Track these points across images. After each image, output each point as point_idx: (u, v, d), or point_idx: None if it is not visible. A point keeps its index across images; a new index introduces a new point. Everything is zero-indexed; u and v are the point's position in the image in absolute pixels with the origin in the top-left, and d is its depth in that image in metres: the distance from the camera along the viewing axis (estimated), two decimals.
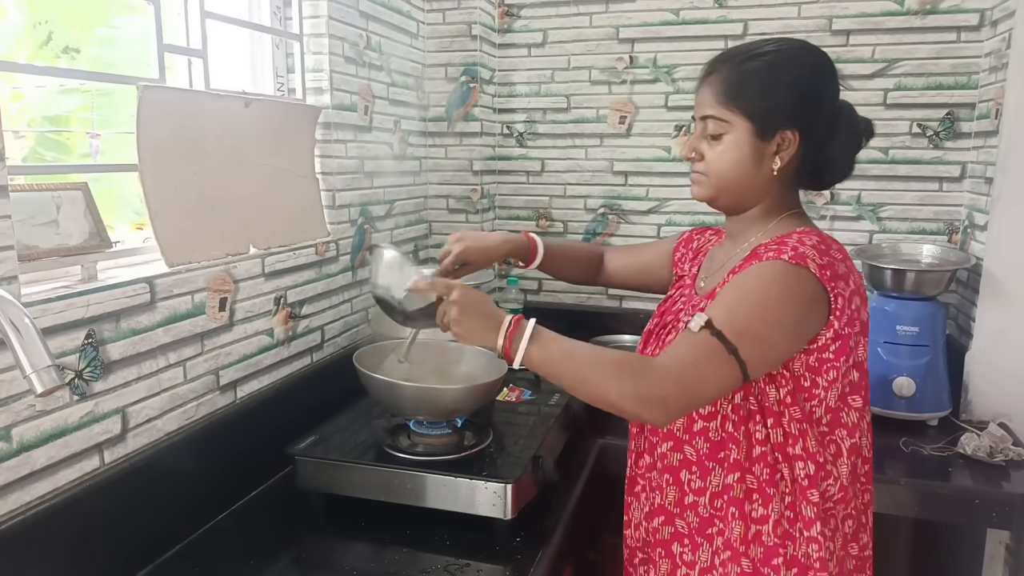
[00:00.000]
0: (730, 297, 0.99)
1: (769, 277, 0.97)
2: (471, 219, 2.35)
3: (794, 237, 1.02)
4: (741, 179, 1.07)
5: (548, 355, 1.02)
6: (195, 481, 1.30)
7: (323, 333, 1.76)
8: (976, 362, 1.84)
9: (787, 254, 0.98)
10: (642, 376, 0.96)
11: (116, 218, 1.45)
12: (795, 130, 1.04)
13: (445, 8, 2.25)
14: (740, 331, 0.95)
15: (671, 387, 0.95)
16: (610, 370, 0.97)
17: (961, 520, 1.58)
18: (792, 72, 1.04)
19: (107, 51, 1.53)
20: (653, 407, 0.96)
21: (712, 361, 0.95)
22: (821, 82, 1.06)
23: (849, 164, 1.08)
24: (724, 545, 1.06)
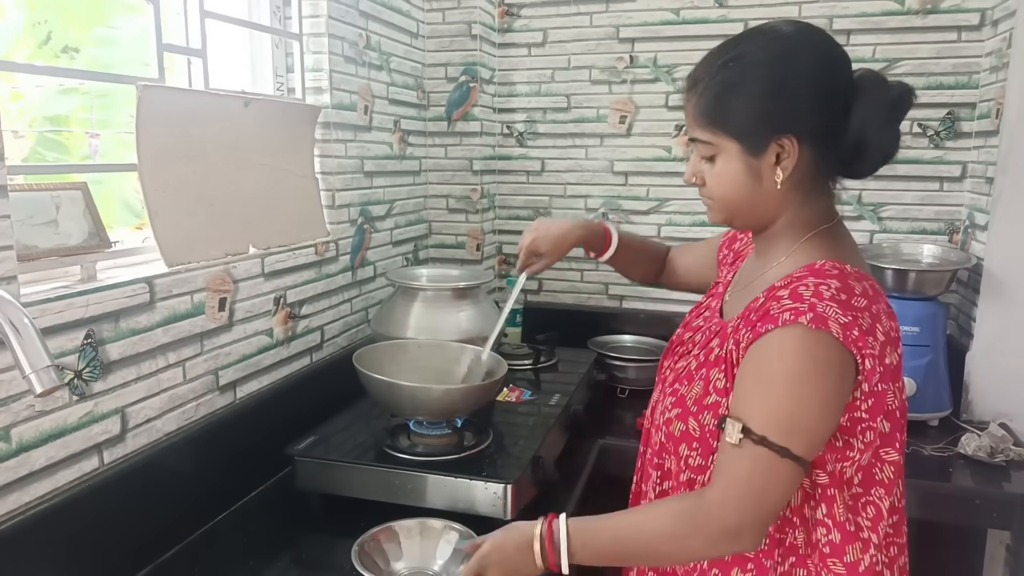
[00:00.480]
0: (757, 389, 0.88)
1: (794, 351, 0.85)
2: (471, 219, 2.35)
3: (810, 285, 0.88)
4: (744, 200, 0.97)
5: (598, 551, 0.95)
6: (195, 481, 1.30)
7: (323, 333, 1.76)
8: (977, 362, 1.84)
9: (805, 316, 0.84)
10: (702, 525, 0.88)
11: (116, 219, 1.45)
12: (791, 136, 0.91)
13: (445, 8, 2.25)
14: (784, 428, 0.85)
15: (734, 517, 0.86)
16: (669, 538, 0.90)
17: (961, 520, 1.58)
18: (772, 73, 0.92)
19: (106, 51, 1.53)
20: (731, 543, 0.88)
21: (768, 473, 0.85)
22: (813, 71, 0.92)
23: (890, 141, 0.93)
24: None
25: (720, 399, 0.95)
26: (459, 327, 1.73)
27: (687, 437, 0.98)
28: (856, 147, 0.92)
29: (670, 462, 1.02)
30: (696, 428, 0.97)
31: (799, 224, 0.98)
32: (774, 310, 0.88)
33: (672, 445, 1.01)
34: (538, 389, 1.78)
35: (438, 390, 1.40)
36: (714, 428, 0.94)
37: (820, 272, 0.90)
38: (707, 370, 0.98)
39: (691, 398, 0.98)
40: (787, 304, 0.87)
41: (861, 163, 0.94)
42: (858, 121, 0.91)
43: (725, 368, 0.95)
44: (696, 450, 0.97)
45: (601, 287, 2.43)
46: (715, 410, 0.95)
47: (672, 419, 1.00)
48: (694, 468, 0.98)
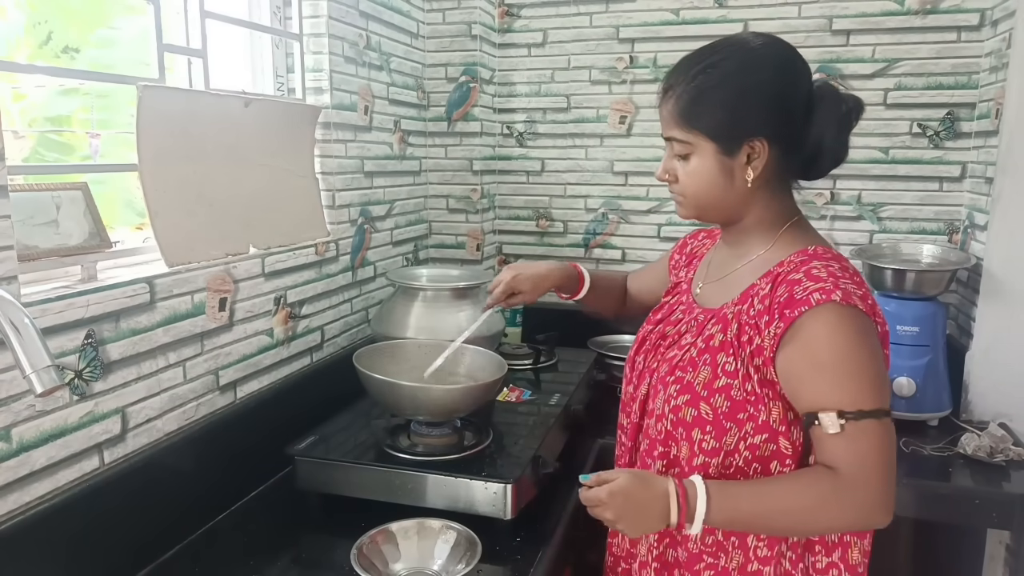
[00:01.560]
0: (824, 374, 0.93)
1: (839, 328, 0.93)
2: (471, 219, 2.35)
3: (820, 267, 0.97)
4: (716, 197, 1.04)
5: (733, 516, 0.97)
6: (195, 481, 1.30)
7: (323, 333, 1.76)
8: (976, 362, 1.84)
9: (835, 294, 0.93)
10: (844, 498, 0.93)
11: (116, 219, 1.45)
12: (761, 139, 0.99)
13: (445, 8, 2.25)
14: (868, 395, 0.92)
15: (881, 492, 0.93)
16: (813, 510, 0.94)
17: (961, 520, 1.58)
18: (746, 80, 0.99)
19: (107, 51, 1.53)
20: (878, 515, 0.94)
21: (882, 439, 0.93)
22: (781, 80, 1.00)
23: (841, 148, 1.03)
24: None
25: (731, 381, 0.99)
26: (459, 327, 1.73)
27: (700, 422, 1.01)
28: (814, 152, 1.01)
29: (679, 449, 1.04)
30: (709, 412, 1.01)
31: (769, 219, 1.06)
32: (799, 293, 0.94)
33: (683, 431, 1.03)
34: (538, 389, 1.78)
35: (438, 390, 1.40)
36: (726, 410, 0.99)
37: (820, 256, 1.00)
38: (711, 355, 1.02)
39: (699, 383, 1.02)
40: (811, 286, 0.94)
41: (817, 167, 1.04)
42: (817, 128, 1.00)
43: (734, 352, 1.00)
44: (710, 433, 1.01)
45: None
46: (727, 392, 1.00)
47: (681, 406, 1.03)
48: (708, 451, 1.01)
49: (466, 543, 1.19)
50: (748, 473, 1.00)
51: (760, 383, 0.98)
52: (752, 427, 0.99)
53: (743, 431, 0.99)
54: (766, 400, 0.98)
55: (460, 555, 1.17)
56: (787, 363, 0.96)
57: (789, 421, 0.99)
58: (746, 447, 1.00)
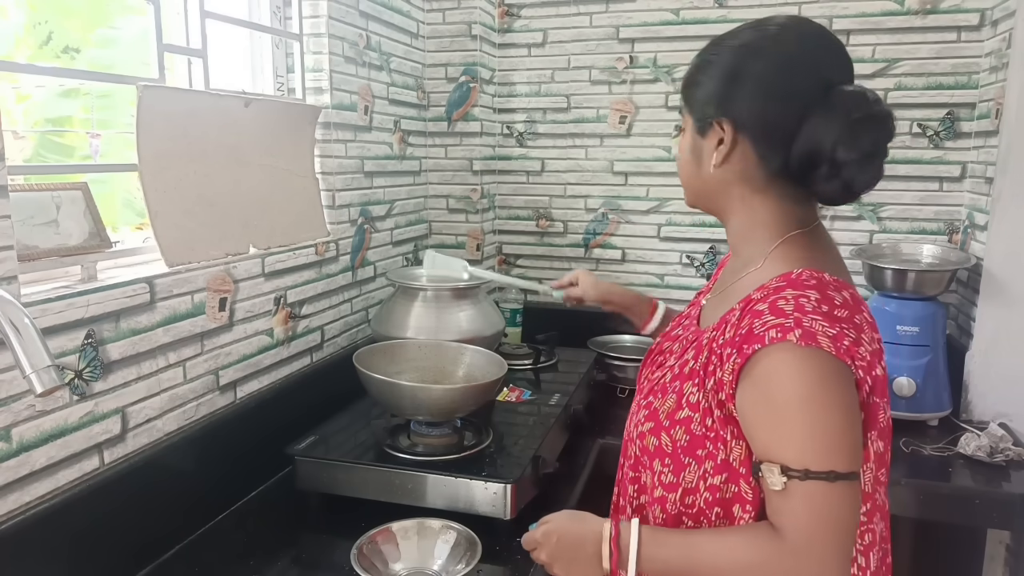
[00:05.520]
0: (774, 425, 0.82)
1: (793, 374, 0.80)
2: (471, 219, 2.35)
3: (790, 298, 0.83)
4: (687, 178, 0.98)
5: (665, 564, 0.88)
6: (195, 481, 1.30)
7: (323, 333, 1.76)
8: (976, 362, 1.84)
9: (793, 333, 0.79)
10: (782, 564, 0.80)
11: (117, 219, 1.45)
12: (730, 121, 0.88)
13: (445, 8, 2.25)
14: (820, 453, 0.79)
15: (816, 561, 0.79)
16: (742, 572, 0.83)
17: (961, 520, 1.58)
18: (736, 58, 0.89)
19: (107, 52, 1.53)
20: None
21: (829, 504, 0.79)
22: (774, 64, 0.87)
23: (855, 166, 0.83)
24: None
25: (692, 414, 0.91)
26: (459, 327, 1.74)
27: (660, 452, 0.94)
28: (806, 161, 0.85)
29: (646, 476, 0.99)
30: (668, 444, 0.93)
31: (760, 226, 0.92)
32: (757, 328, 0.82)
33: (647, 459, 0.97)
34: (538, 389, 1.78)
35: (438, 390, 1.40)
36: (684, 444, 0.91)
37: (798, 283, 0.85)
38: (680, 383, 0.94)
39: (663, 412, 0.94)
40: (771, 321, 0.82)
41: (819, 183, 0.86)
42: (810, 130, 0.84)
43: (699, 382, 0.91)
44: (668, 466, 0.94)
45: None
46: (687, 425, 0.91)
47: (645, 433, 0.97)
48: (666, 485, 0.94)
49: (466, 543, 1.19)
50: (710, 516, 0.91)
51: (722, 420, 0.88)
52: (711, 466, 0.89)
53: (702, 469, 0.90)
54: (726, 439, 0.88)
55: (460, 555, 1.17)
56: (743, 403, 0.85)
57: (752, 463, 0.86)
58: (706, 487, 0.90)
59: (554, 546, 0.95)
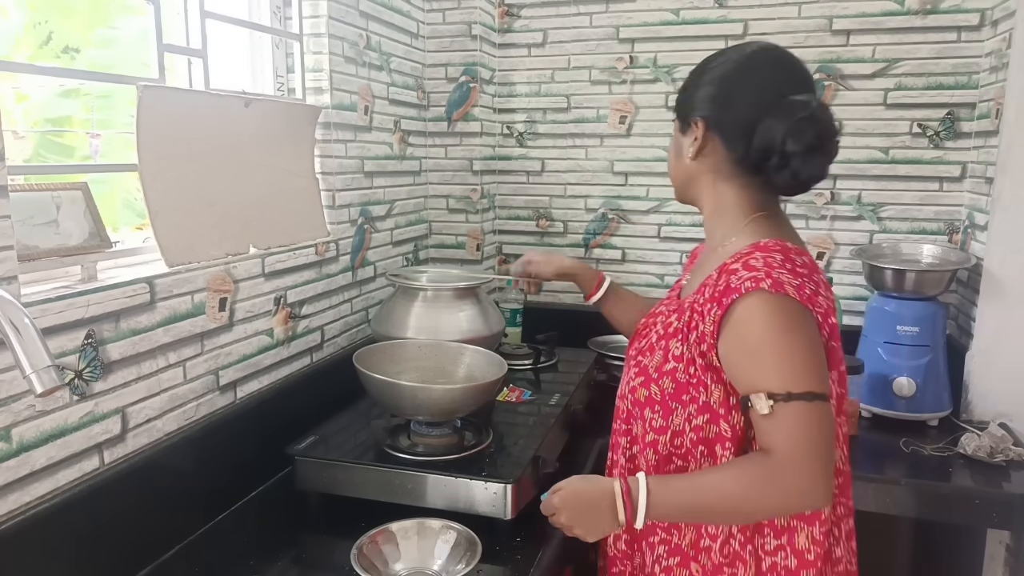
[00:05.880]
0: (754, 359, 0.97)
1: (766, 314, 0.96)
2: (471, 219, 2.35)
3: (759, 258, 1.01)
4: (672, 170, 1.19)
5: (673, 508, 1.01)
6: (195, 481, 1.30)
7: (323, 333, 1.76)
8: (976, 362, 1.84)
9: (764, 282, 0.97)
10: (778, 485, 0.94)
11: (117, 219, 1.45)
12: (702, 119, 1.08)
13: (445, 8, 2.25)
14: (798, 377, 0.95)
15: (806, 474, 0.94)
16: (744, 499, 0.96)
17: (961, 520, 1.59)
18: (713, 69, 1.09)
19: (107, 52, 1.53)
20: (804, 499, 0.96)
21: (810, 419, 0.94)
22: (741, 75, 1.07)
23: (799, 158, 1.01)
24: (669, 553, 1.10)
25: (677, 365, 1.07)
26: (459, 327, 1.74)
27: (650, 402, 1.10)
28: (763, 152, 1.03)
29: (637, 426, 1.13)
30: (657, 393, 1.09)
31: (729, 209, 1.11)
32: (734, 282, 0.99)
33: (638, 410, 1.12)
34: (538, 389, 1.78)
35: (438, 390, 1.40)
36: (671, 392, 1.07)
37: (765, 248, 1.03)
38: (666, 341, 1.10)
39: (652, 367, 1.10)
40: (744, 275, 0.99)
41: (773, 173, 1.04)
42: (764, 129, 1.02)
43: (682, 338, 1.07)
44: (658, 412, 1.09)
45: None
46: (672, 375, 1.07)
47: (636, 387, 1.12)
48: (657, 429, 1.09)
49: (466, 543, 1.19)
50: (695, 454, 1.06)
51: (703, 368, 1.03)
52: (695, 408, 1.05)
53: (687, 412, 1.05)
54: (707, 384, 1.03)
55: (460, 555, 1.17)
56: (726, 349, 1.00)
57: (730, 405, 1.03)
58: (691, 428, 1.05)
59: (572, 508, 1.05)
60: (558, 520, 1.07)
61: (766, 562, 1.04)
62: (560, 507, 1.06)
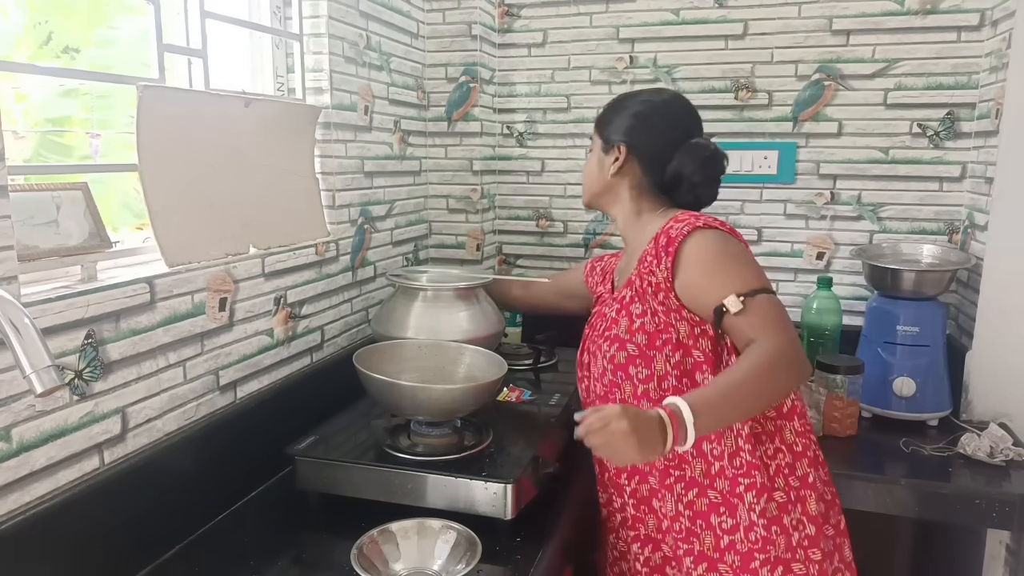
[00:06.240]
0: (715, 272, 1.21)
1: (708, 242, 1.22)
2: (471, 219, 2.36)
3: (682, 218, 1.28)
4: (591, 182, 1.45)
5: (716, 415, 1.11)
6: (195, 481, 1.30)
7: (323, 333, 1.76)
8: (976, 362, 1.84)
9: (698, 223, 1.24)
10: (787, 363, 1.14)
11: (117, 219, 1.45)
12: (625, 145, 1.37)
13: (445, 8, 2.25)
14: (756, 278, 1.21)
15: (796, 347, 1.16)
16: (769, 384, 1.14)
17: (961, 520, 1.58)
18: (633, 107, 1.38)
19: (107, 52, 1.53)
20: (805, 368, 1.19)
21: (778, 307, 1.19)
22: (656, 116, 1.37)
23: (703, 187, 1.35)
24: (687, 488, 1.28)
25: (643, 320, 1.27)
26: (459, 327, 1.73)
27: (630, 359, 1.28)
28: (674, 179, 1.35)
29: (622, 391, 1.29)
30: (634, 348, 1.27)
31: (639, 213, 1.39)
32: (673, 232, 1.25)
33: (622, 373, 1.29)
34: (538, 389, 1.78)
35: (438, 390, 1.40)
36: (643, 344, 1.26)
37: (682, 214, 1.30)
38: (626, 310, 1.31)
39: (622, 331, 1.29)
40: (679, 226, 1.25)
41: (680, 194, 1.36)
42: (678, 160, 1.34)
43: (639, 299, 1.29)
44: (639, 365, 1.27)
45: None
46: (643, 329, 1.27)
47: (614, 354, 1.29)
48: (643, 379, 1.27)
49: (466, 543, 1.19)
50: (682, 388, 1.24)
51: (665, 312, 1.25)
52: (670, 349, 1.24)
53: (664, 354, 1.25)
54: (672, 322, 1.25)
55: (460, 555, 1.17)
56: (685, 285, 1.23)
57: (696, 335, 1.25)
58: (672, 366, 1.24)
59: (631, 422, 1.03)
60: (597, 439, 1.05)
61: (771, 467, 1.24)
62: (613, 417, 1.03)
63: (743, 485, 1.22)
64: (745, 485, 1.22)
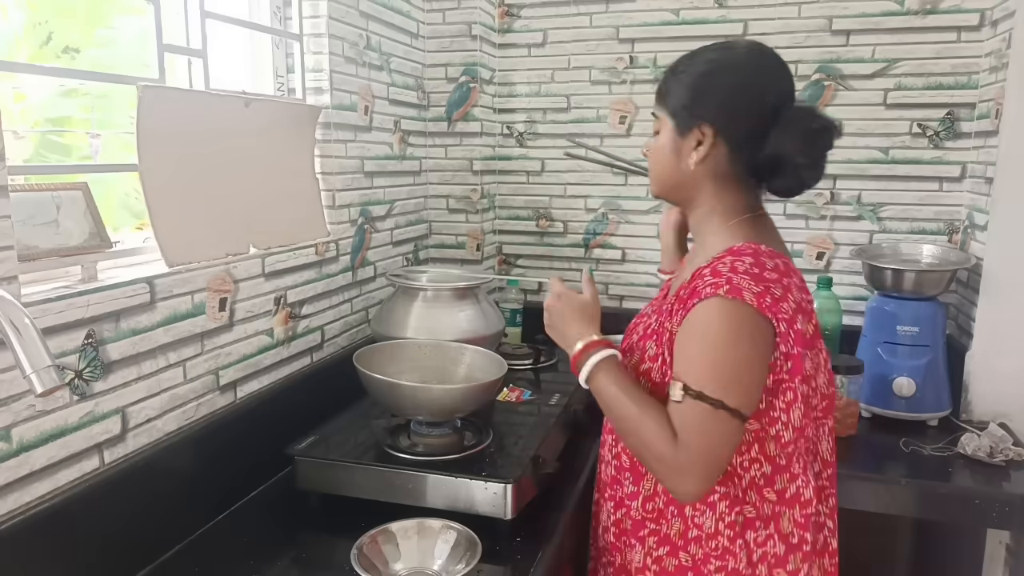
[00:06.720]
0: (690, 352, 1.02)
1: (715, 319, 0.99)
2: (471, 219, 2.35)
3: (727, 263, 1.02)
4: (667, 175, 1.13)
5: (600, 391, 1.09)
6: (195, 481, 1.30)
7: (323, 333, 1.76)
8: (976, 362, 1.84)
9: (722, 288, 0.99)
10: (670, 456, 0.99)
11: (117, 219, 1.45)
12: (710, 127, 1.06)
13: (445, 8, 2.25)
14: (717, 383, 0.97)
15: (690, 464, 0.98)
16: (643, 444, 1.03)
17: (961, 520, 1.59)
18: (715, 73, 1.07)
19: (107, 52, 1.53)
20: (677, 480, 0.99)
21: (711, 423, 0.97)
22: (746, 81, 1.06)
23: (808, 167, 1.04)
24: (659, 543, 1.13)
25: (651, 365, 1.11)
26: (459, 327, 1.74)
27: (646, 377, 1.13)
28: (772, 162, 1.04)
29: None
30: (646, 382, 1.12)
31: (721, 210, 1.11)
32: (699, 287, 1.02)
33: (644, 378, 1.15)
34: (538, 389, 1.78)
35: (438, 390, 1.41)
36: (648, 392, 1.09)
37: (737, 252, 1.04)
38: (644, 342, 1.15)
39: (631, 366, 1.15)
40: (708, 280, 1.02)
41: (778, 179, 1.07)
42: (775, 139, 1.03)
43: (656, 339, 1.12)
44: None
45: (601, 287, 2.43)
46: (648, 376, 1.11)
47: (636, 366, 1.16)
48: None
49: (466, 543, 1.19)
50: None
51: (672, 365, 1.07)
52: None
53: None
54: None
55: (460, 555, 1.17)
56: (676, 344, 1.05)
57: None
58: None
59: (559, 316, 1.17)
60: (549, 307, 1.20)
61: (755, 553, 1.08)
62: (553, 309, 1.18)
63: (714, 565, 1.09)
64: (715, 566, 1.09)
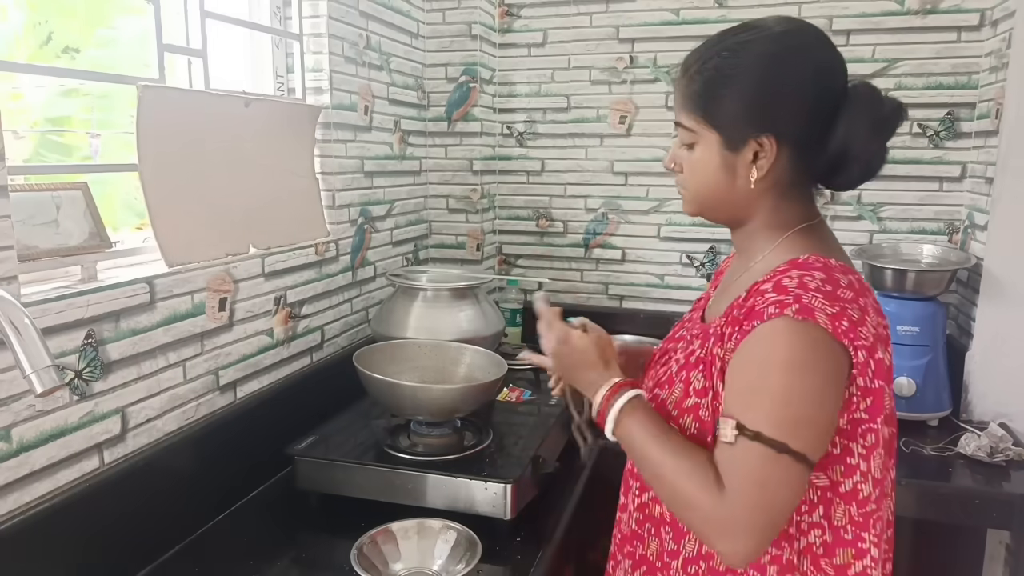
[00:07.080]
0: (746, 383, 0.84)
1: (781, 344, 0.81)
2: (471, 219, 2.35)
3: (794, 277, 0.85)
4: (715, 194, 0.94)
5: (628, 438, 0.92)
6: (195, 481, 1.30)
7: (323, 333, 1.76)
8: (976, 362, 1.84)
9: (791, 308, 0.81)
10: (711, 509, 0.82)
11: (117, 219, 1.45)
12: (770, 136, 0.87)
13: (445, 8, 2.25)
14: (779, 423, 0.80)
15: (740, 518, 0.81)
16: (683, 500, 0.86)
17: (961, 520, 1.58)
18: (763, 71, 0.88)
19: (107, 52, 1.53)
20: (729, 541, 0.82)
21: (769, 470, 0.80)
22: (804, 75, 0.88)
23: (874, 156, 0.88)
24: None
25: (699, 400, 0.91)
26: (459, 327, 1.74)
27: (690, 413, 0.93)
28: (838, 158, 0.88)
29: None
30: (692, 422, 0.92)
31: (777, 223, 0.94)
32: (759, 305, 0.84)
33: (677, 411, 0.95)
34: (538, 389, 1.78)
35: (438, 390, 1.41)
36: (695, 432, 0.90)
37: (804, 265, 0.87)
38: (687, 372, 0.94)
39: (671, 402, 0.94)
40: (772, 297, 0.84)
41: (841, 175, 0.91)
42: (843, 132, 0.87)
43: (704, 368, 0.92)
44: None
45: (601, 287, 2.43)
46: (695, 412, 0.91)
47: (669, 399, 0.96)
48: None
49: (466, 543, 1.19)
50: None
51: None
52: None
53: None
54: None
55: (460, 555, 1.17)
56: (729, 372, 0.87)
57: None
58: None
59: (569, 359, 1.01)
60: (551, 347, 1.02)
61: None
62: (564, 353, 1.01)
63: None
64: None
